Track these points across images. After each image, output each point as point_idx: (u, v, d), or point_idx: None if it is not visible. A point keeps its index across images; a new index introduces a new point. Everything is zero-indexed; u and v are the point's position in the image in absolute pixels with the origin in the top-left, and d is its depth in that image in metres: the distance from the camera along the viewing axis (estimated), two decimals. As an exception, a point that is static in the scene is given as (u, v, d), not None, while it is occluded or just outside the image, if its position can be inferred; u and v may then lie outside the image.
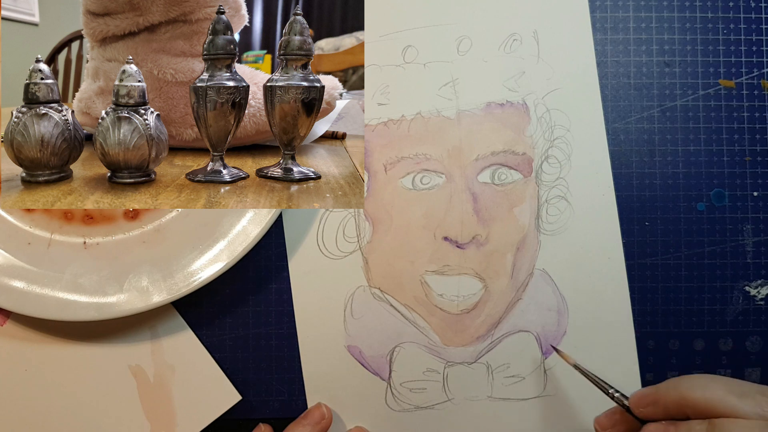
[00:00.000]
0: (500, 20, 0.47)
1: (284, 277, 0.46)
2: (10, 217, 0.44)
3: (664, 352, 0.47)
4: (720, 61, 0.48)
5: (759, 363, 0.47)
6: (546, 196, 0.47)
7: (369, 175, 0.47)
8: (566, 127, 0.47)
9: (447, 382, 0.46)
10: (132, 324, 0.46)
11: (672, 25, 0.48)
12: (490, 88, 0.47)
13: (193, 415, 0.45)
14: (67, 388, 0.45)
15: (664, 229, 0.47)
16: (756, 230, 0.47)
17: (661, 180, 0.47)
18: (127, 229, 0.45)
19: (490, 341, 0.46)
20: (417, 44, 0.47)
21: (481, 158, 0.46)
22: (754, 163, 0.47)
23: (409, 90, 0.47)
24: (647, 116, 0.48)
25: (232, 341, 0.47)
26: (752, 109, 0.47)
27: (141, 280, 0.43)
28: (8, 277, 0.42)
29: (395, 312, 0.46)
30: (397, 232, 0.46)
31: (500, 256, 0.46)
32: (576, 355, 0.46)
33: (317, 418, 0.45)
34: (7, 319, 0.45)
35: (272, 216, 0.43)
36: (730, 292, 0.47)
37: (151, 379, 0.46)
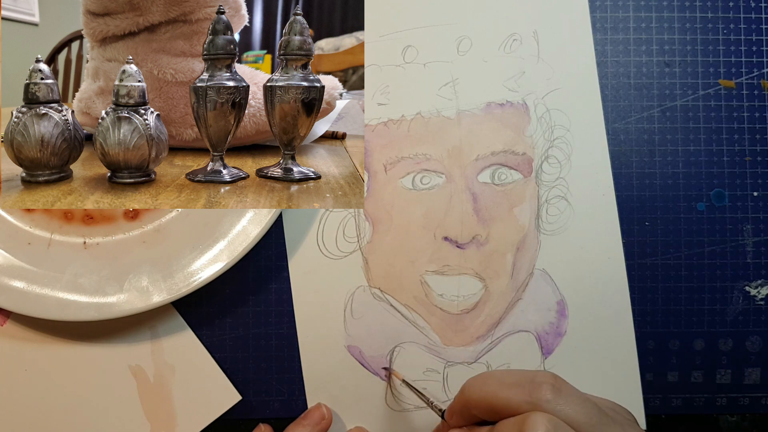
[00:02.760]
0: (500, 20, 0.47)
1: (284, 277, 0.46)
2: (10, 217, 0.44)
3: (664, 352, 0.47)
4: (720, 61, 0.48)
5: (759, 363, 0.47)
6: (546, 196, 0.47)
7: (369, 175, 0.47)
8: (566, 127, 0.47)
9: (447, 382, 0.46)
10: (132, 324, 0.46)
11: (672, 25, 0.48)
12: (490, 88, 0.47)
13: (193, 415, 0.45)
14: (67, 388, 0.45)
15: (664, 229, 0.47)
16: (756, 230, 0.47)
17: (661, 180, 0.47)
18: (127, 229, 0.45)
19: (490, 341, 0.46)
20: (417, 44, 0.47)
21: (481, 158, 0.46)
22: (754, 163, 0.47)
23: (409, 90, 0.47)
24: (647, 116, 0.48)
25: (232, 341, 0.47)
26: (752, 109, 0.47)
27: (141, 280, 0.43)
28: (8, 277, 0.42)
29: (395, 312, 0.46)
30: (397, 232, 0.46)
31: (500, 256, 0.46)
32: (576, 355, 0.46)
33: (317, 418, 0.45)
34: (7, 319, 0.45)
35: (272, 216, 0.43)
36: (730, 292, 0.47)
37: (151, 379, 0.46)
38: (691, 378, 0.47)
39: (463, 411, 0.35)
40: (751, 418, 0.47)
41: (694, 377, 0.47)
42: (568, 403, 0.31)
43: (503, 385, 0.33)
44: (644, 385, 0.47)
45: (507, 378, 0.33)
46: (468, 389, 0.34)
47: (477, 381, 0.34)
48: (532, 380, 0.32)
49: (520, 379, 0.33)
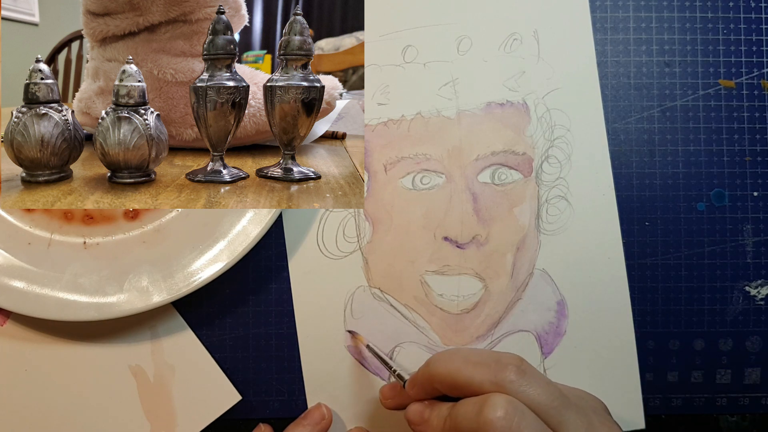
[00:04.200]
0: (500, 20, 0.47)
1: (284, 277, 0.46)
2: (10, 217, 0.44)
3: (664, 352, 0.47)
4: (720, 61, 0.48)
5: (759, 363, 0.47)
6: (546, 196, 0.47)
7: (369, 175, 0.47)
8: (566, 126, 0.47)
9: (447, 382, 0.46)
10: (132, 324, 0.46)
11: (672, 25, 0.48)
12: (490, 87, 0.47)
13: (193, 415, 0.45)
14: (67, 388, 0.45)
15: (664, 229, 0.47)
16: (756, 230, 0.47)
17: (661, 180, 0.47)
18: (127, 229, 0.45)
19: (490, 341, 0.46)
20: (417, 44, 0.47)
21: (481, 158, 0.46)
22: (754, 163, 0.47)
23: (409, 90, 0.47)
24: (647, 116, 0.48)
25: (232, 341, 0.47)
26: (752, 109, 0.47)
27: (141, 280, 0.43)
28: (8, 277, 0.42)
29: (395, 312, 0.46)
30: (397, 232, 0.46)
31: (500, 256, 0.46)
32: (576, 355, 0.46)
33: (317, 418, 0.45)
34: (7, 319, 0.45)
35: (272, 216, 0.43)
36: (730, 292, 0.47)
37: (151, 379, 0.46)
38: (691, 378, 0.47)
39: (426, 384, 0.35)
40: (751, 418, 0.47)
41: (694, 377, 0.47)
42: (530, 385, 0.31)
43: (469, 363, 0.33)
44: (644, 385, 0.47)
45: (473, 356, 0.33)
46: (433, 363, 0.35)
47: (443, 356, 0.35)
48: (498, 360, 0.32)
49: (486, 358, 0.33)
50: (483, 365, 0.33)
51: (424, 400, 0.36)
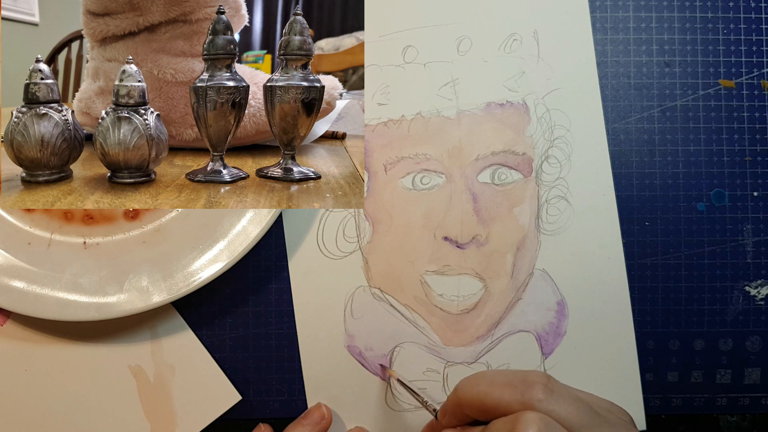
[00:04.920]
0: (500, 20, 0.47)
1: (284, 277, 0.46)
2: (10, 217, 0.44)
3: (664, 352, 0.47)
4: (720, 61, 0.48)
5: (759, 363, 0.47)
6: (546, 196, 0.47)
7: (369, 175, 0.47)
8: (566, 127, 0.47)
9: (447, 382, 0.46)
10: (132, 324, 0.46)
11: (672, 25, 0.48)
12: (490, 88, 0.47)
13: (193, 415, 0.45)
14: (67, 388, 0.45)
15: (664, 229, 0.47)
16: (756, 230, 0.47)
17: (661, 180, 0.47)
18: (127, 229, 0.45)
19: (490, 341, 0.46)
20: (417, 44, 0.47)
21: (481, 158, 0.46)
22: (754, 163, 0.47)
23: (409, 90, 0.47)
24: (647, 116, 0.48)
25: (232, 341, 0.47)
26: (752, 109, 0.47)
27: (141, 280, 0.43)
28: (8, 277, 0.42)
29: (395, 312, 0.46)
30: (397, 232, 0.46)
31: (500, 256, 0.46)
32: (576, 355, 0.46)
33: (317, 418, 0.45)
34: (7, 319, 0.45)
35: (272, 216, 0.43)
36: (730, 292, 0.47)
37: (151, 379, 0.46)
38: (691, 378, 0.47)
39: (456, 411, 0.35)
40: (751, 418, 0.47)
41: (694, 377, 0.47)
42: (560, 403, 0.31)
43: (495, 385, 0.33)
44: (644, 385, 0.47)
45: (499, 378, 0.33)
46: (460, 389, 0.34)
47: (469, 381, 0.34)
48: (524, 380, 0.32)
49: (513, 378, 0.33)
50: (509, 386, 0.32)
51: (456, 426, 0.36)
